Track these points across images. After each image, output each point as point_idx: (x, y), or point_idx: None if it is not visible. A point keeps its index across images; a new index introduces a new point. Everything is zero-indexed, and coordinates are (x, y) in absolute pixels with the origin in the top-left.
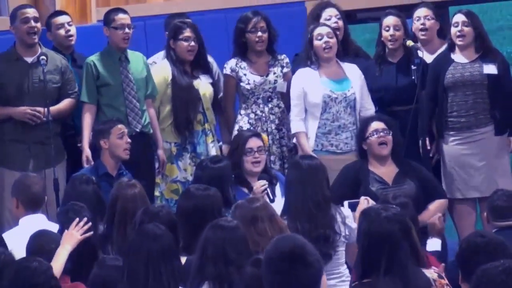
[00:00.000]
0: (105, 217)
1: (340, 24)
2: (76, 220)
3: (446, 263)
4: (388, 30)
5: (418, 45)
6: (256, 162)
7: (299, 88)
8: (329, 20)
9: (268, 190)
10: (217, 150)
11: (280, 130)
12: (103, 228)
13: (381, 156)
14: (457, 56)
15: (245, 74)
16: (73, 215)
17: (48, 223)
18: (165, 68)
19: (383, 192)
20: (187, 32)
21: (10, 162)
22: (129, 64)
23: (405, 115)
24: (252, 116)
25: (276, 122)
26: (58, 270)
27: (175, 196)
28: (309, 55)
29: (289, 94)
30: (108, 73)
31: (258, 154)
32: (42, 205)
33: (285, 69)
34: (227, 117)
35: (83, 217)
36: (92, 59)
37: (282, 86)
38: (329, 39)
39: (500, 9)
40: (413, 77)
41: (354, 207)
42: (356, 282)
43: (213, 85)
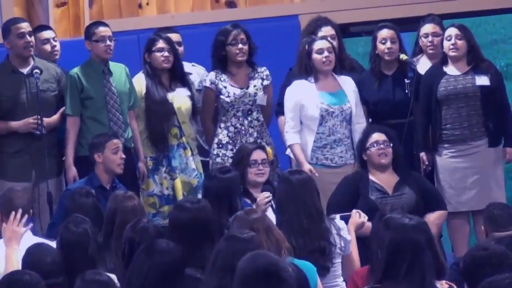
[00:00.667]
0: (103, 229)
1: (335, 43)
2: (13, 214)
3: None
4: (384, 43)
5: (413, 59)
6: (260, 174)
7: (295, 100)
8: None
9: (272, 201)
10: (197, 163)
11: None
12: (100, 238)
13: (381, 165)
14: (449, 69)
15: (225, 87)
16: (73, 227)
17: (33, 237)
18: (140, 82)
19: (383, 201)
20: (160, 43)
21: (11, 174)
22: (112, 77)
23: (401, 128)
24: (232, 129)
25: (254, 135)
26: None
27: (152, 209)
28: (306, 68)
29: (269, 107)
30: (92, 86)
31: (262, 167)
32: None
33: (265, 82)
34: (206, 130)
35: (83, 229)
36: (75, 71)
37: (262, 99)
38: (329, 54)
39: (493, 23)
40: (407, 91)
41: (346, 220)
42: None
43: (192, 97)
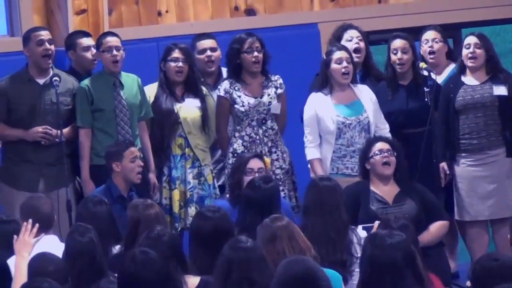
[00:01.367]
0: (125, 239)
1: (362, 45)
2: (24, 225)
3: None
4: (396, 53)
5: (432, 68)
6: None
7: (312, 114)
8: (350, 41)
9: None
10: (208, 174)
11: (274, 153)
12: (120, 249)
13: (383, 175)
14: (467, 79)
15: (240, 96)
16: (78, 236)
17: (61, 244)
18: (152, 90)
19: (383, 212)
20: (175, 53)
21: (20, 183)
22: (123, 89)
23: (417, 138)
24: (247, 138)
25: (269, 144)
26: (25, 279)
27: None
28: (323, 78)
29: (283, 115)
30: (102, 98)
31: (258, 175)
32: (52, 225)
33: (279, 90)
34: (221, 139)
35: (89, 239)
36: (86, 83)
37: (276, 107)
38: (348, 65)
39: None
40: (426, 99)
41: (368, 231)
42: None
43: (203, 109)
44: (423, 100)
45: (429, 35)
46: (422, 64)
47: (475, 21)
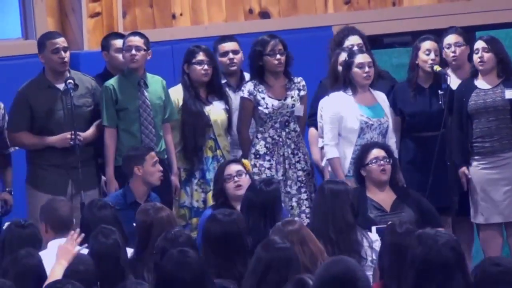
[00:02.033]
0: (137, 242)
1: None
2: (71, 233)
3: None
4: (429, 54)
5: (446, 70)
6: (238, 186)
7: (334, 112)
8: (351, 48)
9: None
10: None
11: (296, 155)
12: (132, 254)
13: (381, 182)
14: (480, 82)
15: (263, 98)
16: (102, 238)
17: (77, 247)
18: (177, 93)
19: (382, 220)
20: (200, 56)
21: (48, 186)
22: (148, 89)
23: (434, 141)
24: (269, 140)
25: (292, 146)
26: None
27: (182, 221)
28: (345, 80)
29: (305, 117)
30: (126, 98)
31: (237, 178)
32: (70, 228)
33: (302, 92)
34: (243, 141)
35: (113, 241)
36: (111, 83)
37: (299, 109)
38: (369, 69)
39: None
40: (440, 102)
41: (381, 232)
42: None
43: (228, 111)
44: (440, 103)
45: (450, 39)
46: (437, 67)
47: (489, 24)
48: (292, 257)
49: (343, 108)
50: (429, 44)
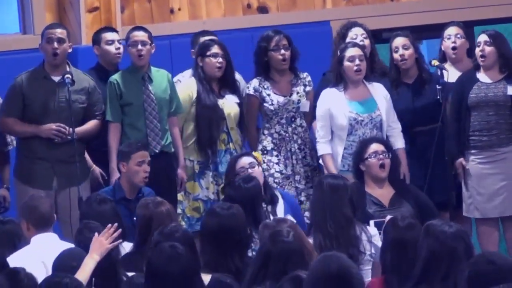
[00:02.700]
0: (136, 236)
1: (367, 42)
2: (108, 227)
3: None
4: (397, 51)
5: (443, 65)
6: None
7: (325, 109)
8: (354, 39)
9: (268, 209)
10: None
11: (302, 150)
12: (132, 248)
13: (379, 177)
14: (482, 76)
15: (269, 95)
16: (88, 233)
17: (61, 242)
18: (191, 86)
19: (381, 215)
20: (215, 49)
21: (34, 180)
22: (152, 83)
23: (427, 135)
24: (276, 136)
25: (298, 142)
26: (85, 279)
27: (196, 214)
28: (337, 75)
29: (312, 113)
30: (131, 93)
31: (251, 170)
32: (52, 224)
33: (307, 88)
34: (251, 137)
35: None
36: (115, 77)
37: (305, 105)
38: (361, 62)
39: None
40: (438, 97)
41: (379, 226)
42: None
43: (240, 104)
44: (431, 97)
45: (451, 30)
46: (434, 62)
47: (488, 19)
48: (295, 250)
49: (333, 104)
50: (397, 41)
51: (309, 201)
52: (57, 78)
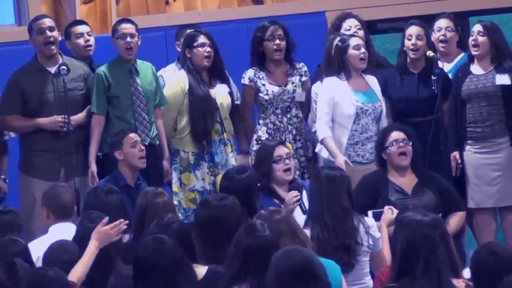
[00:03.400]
0: (133, 227)
1: (361, 34)
2: (121, 221)
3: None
4: (410, 39)
5: (439, 55)
6: (288, 170)
7: (329, 97)
8: (349, 30)
9: (301, 201)
10: (236, 160)
11: (298, 141)
12: (129, 238)
13: (400, 166)
14: (474, 68)
15: (264, 85)
16: (87, 222)
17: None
18: (182, 78)
19: (402, 202)
20: (202, 39)
21: (40, 172)
22: (139, 76)
23: (426, 126)
24: (271, 126)
25: (293, 132)
26: (87, 266)
27: (192, 205)
28: (338, 65)
29: (307, 103)
30: (118, 85)
31: (288, 161)
32: (72, 215)
33: (303, 78)
34: (246, 127)
35: (97, 225)
36: (102, 69)
37: (300, 95)
38: (365, 50)
39: None
40: (433, 88)
41: (378, 216)
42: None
43: (231, 94)
44: (432, 89)
45: (442, 23)
46: (429, 52)
47: (483, 10)
48: (272, 245)
49: (337, 93)
50: (412, 29)
51: None
52: (52, 69)
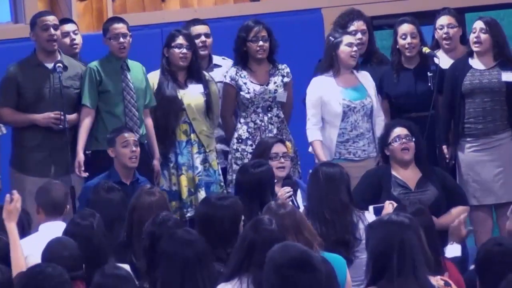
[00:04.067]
0: (125, 227)
1: (365, 39)
2: (14, 194)
3: (467, 269)
4: (405, 38)
5: (435, 52)
6: (281, 167)
7: (316, 97)
8: (354, 34)
9: (292, 197)
10: (213, 160)
11: None
12: (122, 237)
13: (403, 161)
14: (475, 62)
15: (245, 83)
16: (79, 220)
17: None
18: (153, 77)
19: (405, 197)
20: (180, 40)
21: (31, 168)
22: (130, 73)
23: (423, 122)
24: (252, 125)
25: (274, 131)
26: (19, 249)
27: None
28: (331, 61)
29: (289, 104)
30: (110, 80)
31: (283, 160)
32: (63, 212)
33: (285, 79)
34: (226, 126)
35: (89, 223)
36: (94, 64)
37: (282, 95)
38: (357, 49)
39: None
40: (429, 84)
41: (379, 211)
42: None
43: (207, 94)
44: (429, 85)
45: (443, 20)
46: (425, 49)
47: (479, 6)
48: (278, 239)
49: (325, 92)
50: (405, 28)
51: None
52: (50, 65)
